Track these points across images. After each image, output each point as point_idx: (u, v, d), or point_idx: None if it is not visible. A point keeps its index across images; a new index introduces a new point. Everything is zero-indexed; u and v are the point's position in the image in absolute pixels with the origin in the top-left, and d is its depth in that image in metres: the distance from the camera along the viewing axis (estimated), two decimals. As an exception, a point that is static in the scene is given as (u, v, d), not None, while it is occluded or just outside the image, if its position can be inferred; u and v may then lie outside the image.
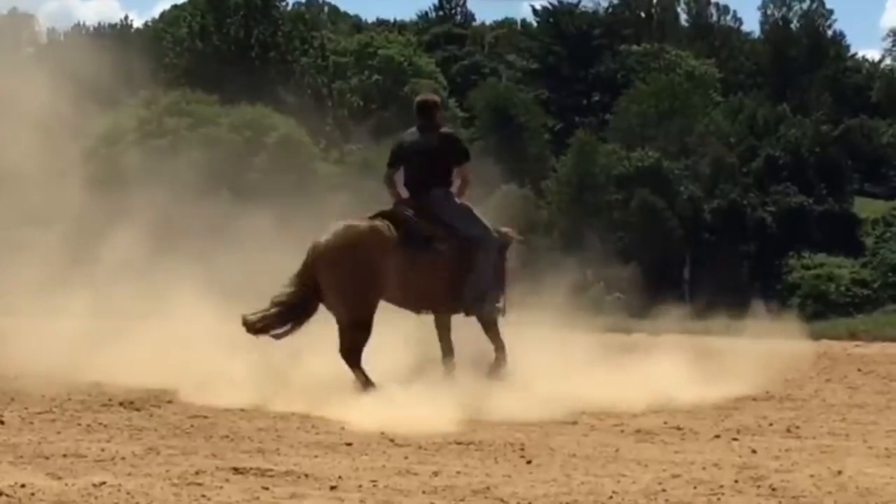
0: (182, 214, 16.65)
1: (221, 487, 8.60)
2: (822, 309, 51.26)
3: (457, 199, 13.58)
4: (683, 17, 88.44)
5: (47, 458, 9.74)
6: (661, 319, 17.07)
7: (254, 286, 14.30)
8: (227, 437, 10.92)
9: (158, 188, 17.54)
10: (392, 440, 10.95)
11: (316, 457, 10.00)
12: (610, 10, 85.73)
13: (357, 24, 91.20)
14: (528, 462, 10.05)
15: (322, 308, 13.33)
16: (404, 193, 13.61)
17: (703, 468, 9.92)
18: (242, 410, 12.33)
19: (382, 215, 13.31)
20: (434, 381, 12.73)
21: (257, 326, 13.15)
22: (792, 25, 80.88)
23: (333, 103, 70.68)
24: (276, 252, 14.84)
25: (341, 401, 12.20)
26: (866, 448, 11.08)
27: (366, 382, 12.89)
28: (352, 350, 13.02)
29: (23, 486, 8.41)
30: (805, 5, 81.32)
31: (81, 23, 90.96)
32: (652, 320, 16.40)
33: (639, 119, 71.27)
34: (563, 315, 15.21)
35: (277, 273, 13.83)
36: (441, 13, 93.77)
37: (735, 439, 11.42)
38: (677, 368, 14.46)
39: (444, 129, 14.02)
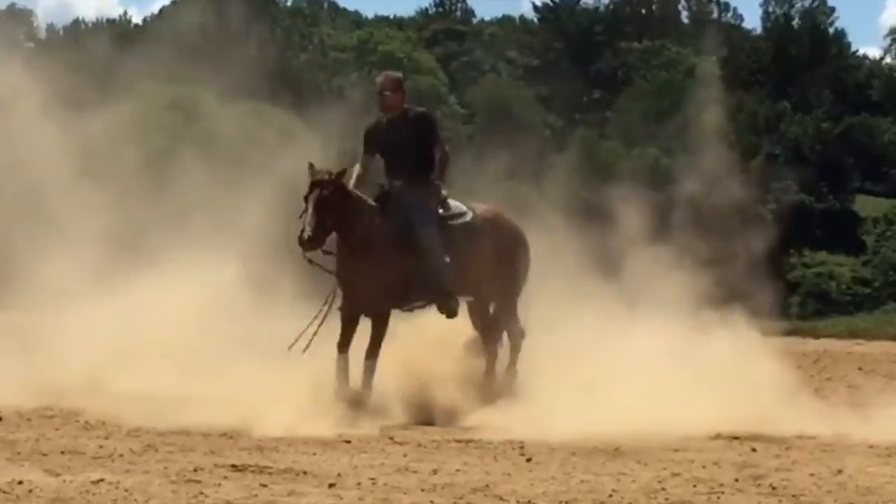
0: (178, 210, 16.61)
1: (220, 485, 8.57)
2: (823, 307, 51.28)
3: None
4: (684, 14, 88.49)
5: (45, 454, 9.72)
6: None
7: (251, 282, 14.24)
8: (226, 434, 10.89)
9: (155, 184, 17.50)
10: (391, 438, 10.92)
11: (314, 454, 9.98)
12: (611, 6, 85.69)
13: (357, 20, 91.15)
14: (528, 460, 10.02)
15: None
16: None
17: (703, 466, 9.90)
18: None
19: None
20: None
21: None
22: (793, 23, 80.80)
23: (333, 99, 70.61)
24: (272, 248, 14.79)
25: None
26: (866, 447, 11.06)
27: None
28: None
29: (20, 482, 8.38)
30: (806, 3, 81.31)
31: (80, 18, 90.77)
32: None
33: (639, 116, 71.21)
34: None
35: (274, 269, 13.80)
36: (441, 9, 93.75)
37: (735, 438, 11.40)
38: None
39: None
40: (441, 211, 12.70)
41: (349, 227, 12.30)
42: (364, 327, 12.56)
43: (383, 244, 12.41)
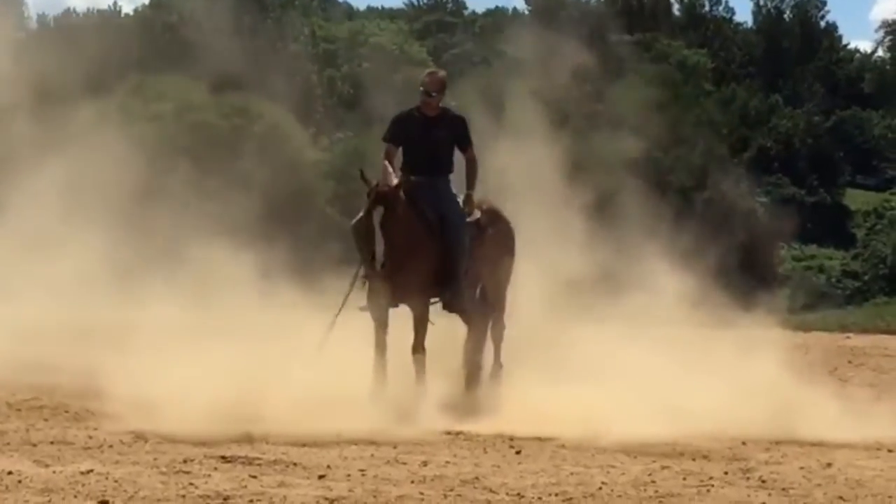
0: (170, 201, 16.59)
1: (209, 476, 8.56)
2: (813, 300, 51.29)
3: None
4: (676, 6, 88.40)
5: (35, 445, 9.71)
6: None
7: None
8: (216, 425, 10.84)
9: (147, 176, 17.47)
10: (381, 430, 10.87)
11: (304, 446, 9.96)
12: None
13: (348, 12, 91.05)
14: (518, 452, 10.01)
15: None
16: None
17: (693, 459, 9.90)
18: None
19: None
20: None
21: None
22: (785, 16, 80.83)
23: (323, 91, 70.52)
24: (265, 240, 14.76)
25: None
26: (856, 441, 11.05)
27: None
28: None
29: (10, 473, 8.37)
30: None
31: (71, 8, 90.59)
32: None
33: (630, 109, 71.16)
34: None
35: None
36: (432, 1, 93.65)
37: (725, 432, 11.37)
38: None
39: None
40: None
41: (400, 229, 12.14)
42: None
43: (423, 238, 12.31)
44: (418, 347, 12.26)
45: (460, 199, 12.70)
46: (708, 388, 11.80)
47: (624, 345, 13.05)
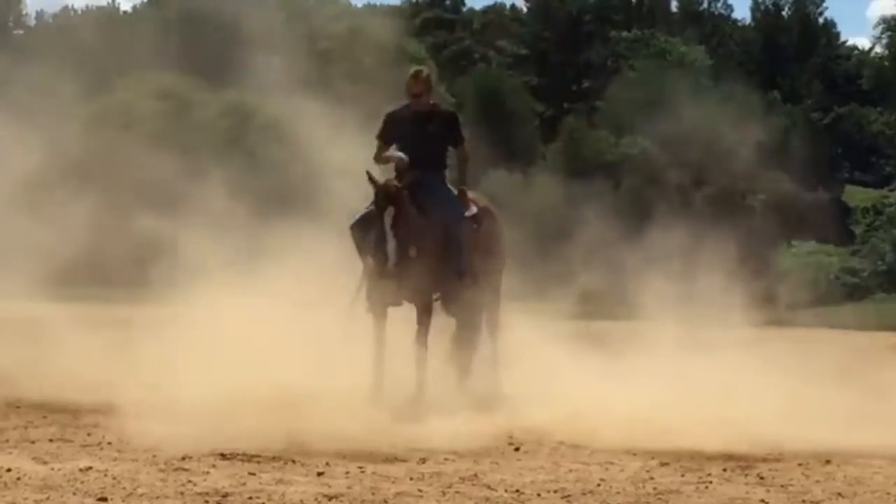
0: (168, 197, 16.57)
1: (208, 473, 8.56)
2: (812, 297, 51.29)
3: None
4: (674, 3, 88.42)
5: (33, 442, 9.71)
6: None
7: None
8: (213, 422, 10.82)
9: (144, 171, 17.45)
10: (379, 426, 10.87)
11: (303, 442, 9.95)
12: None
13: (346, 9, 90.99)
14: (517, 449, 10.02)
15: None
16: None
17: (691, 456, 9.90)
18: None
19: None
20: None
21: None
22: (783, 13, 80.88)
23: (321, 88, 70.45)
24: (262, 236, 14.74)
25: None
26: (854, 438, 11.05)
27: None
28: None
29: (9, 470, 8.37)
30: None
31: (70, 5, 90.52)
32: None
33: (628, 106, 71.21)
34: None
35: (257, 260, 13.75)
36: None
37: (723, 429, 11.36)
38: None
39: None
40: None
41: (408, 228, 12.12)
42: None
43: (429, 234, 12.27)
44: (421, 339, 12.26)
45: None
46: (706, 386, 11.81)
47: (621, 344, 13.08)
